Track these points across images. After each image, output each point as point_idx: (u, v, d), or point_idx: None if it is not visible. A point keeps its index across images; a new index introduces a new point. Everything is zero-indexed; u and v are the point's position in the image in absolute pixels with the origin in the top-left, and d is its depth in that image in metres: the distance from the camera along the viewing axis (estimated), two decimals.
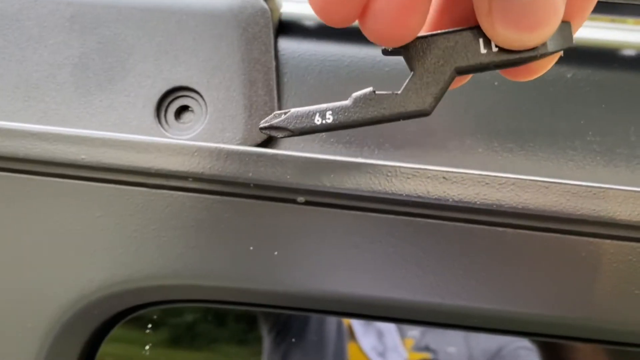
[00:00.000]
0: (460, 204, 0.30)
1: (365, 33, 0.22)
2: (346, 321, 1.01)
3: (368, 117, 0.24)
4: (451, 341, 1.04)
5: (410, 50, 0.23)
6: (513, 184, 0.30)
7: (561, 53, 0.23)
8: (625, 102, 0.33)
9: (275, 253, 0.32)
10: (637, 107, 0.33)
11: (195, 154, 0.31)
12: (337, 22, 0.22)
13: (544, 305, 0.32)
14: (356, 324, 1.00)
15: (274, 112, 0.26)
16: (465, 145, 0.32)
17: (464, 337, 1.06)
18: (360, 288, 0.32)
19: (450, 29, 0.23)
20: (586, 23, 0.39)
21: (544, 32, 0.20)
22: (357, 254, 0.32)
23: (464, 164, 0.32)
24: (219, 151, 0.30)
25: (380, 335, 1.01)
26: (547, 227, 0.31)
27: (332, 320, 1.01)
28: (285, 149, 0.33)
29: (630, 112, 0.32)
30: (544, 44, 0.21)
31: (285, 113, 0.25)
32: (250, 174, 0.30)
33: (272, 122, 0.26)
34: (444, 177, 0.30)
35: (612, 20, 0.40)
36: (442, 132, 0.33)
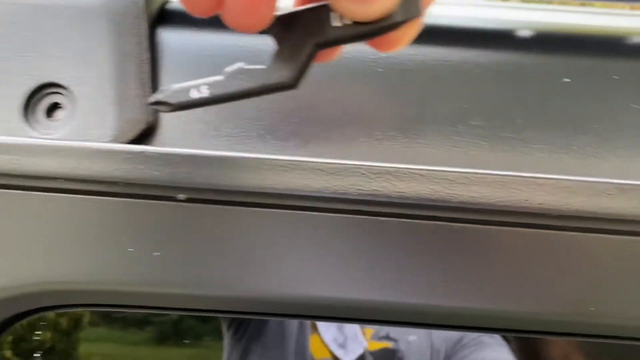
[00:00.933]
0: (338, 196, 0.29)
1: (226, 22, 0.23)
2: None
3: (239, 90, 0.25)
4: (411, 330, 1.03)
5: (273, 29, 0.24)
6: (388, 172, 0.29)
7: (420, 24, 0.24)
8: (511, 84, 0.32)
9: (156, 254, 0.31)
10: (524, 89, 0.32)
11: (62, 153, 0.29)
12: (199, 13, 0.23)
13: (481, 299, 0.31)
14: None
15: (161, 87, 0.27)
16: (347, 136, 0.31)
17: None
18: (258, 285, 0.31)
19: (307, 6, 0.24)
20: (479, 2, 0.38)
21: (384, 3, 0.21)
22: (247, 250, 0.31)
23: (346, 154, 0.31)
24: (87, 149, 0.29)
25: (340, 325, 1.00)
26: (420, 215, 0.30)
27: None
28: (163, 144, 0.32)
29: (517, 95, 0.31)
30: (391, 15, 0.22)
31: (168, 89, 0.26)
32: (119, 172, 0.29)
33: (156, 97, 0.26)
34: (320, 170, 0.29)
35: None
36: (325, 122, 0.32)
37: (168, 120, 0.32)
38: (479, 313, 0.30)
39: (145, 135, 0.32)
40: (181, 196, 0.31)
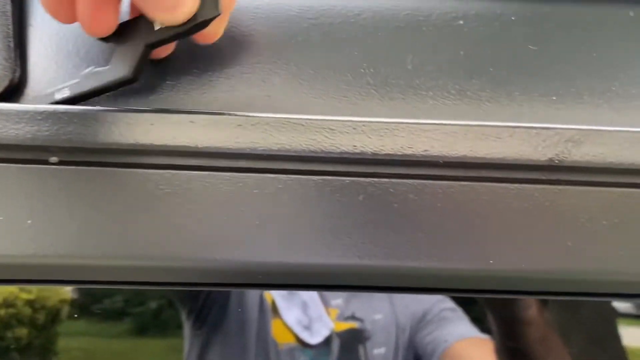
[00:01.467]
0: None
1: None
2: (269, 298, 0.98)
3: (92, 88, 0.29)
4: (377, 309, 1.02)
5: (112, 35, 0.29)
6: (267, 123, 0.27)
7: (226, 20, 0.29)
8: (401, 28, 0.30)
9: (29, 222, 0.29)
10: (415, 33, 0.30)
11: None
12: (61, 21, 0.29)
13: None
14: (279, 299, 0.97)
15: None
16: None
17: (389, 303, 1.04)
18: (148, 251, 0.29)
19: (138, 16, 0.29)
20: None
21: (184, 11, 0.26)
22: (129, 214, 0.29)
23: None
24: None
25: (304, 307, 0.98)
26: (302, 170, 0.28)
27: (254, 300, 0.98)
28: (32, 102, 0.30)
29: (407, 40, 0.30)
30: (195, 17, 0.26)
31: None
32: None
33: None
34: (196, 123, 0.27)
35: None
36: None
37: (37, 77, 0.30)
38: (368, 271, 0.29)
39: (11, 93, 0.29)
40: (53, 159, 0.29)
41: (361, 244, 0.28)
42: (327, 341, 1.02)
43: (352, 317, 1.06)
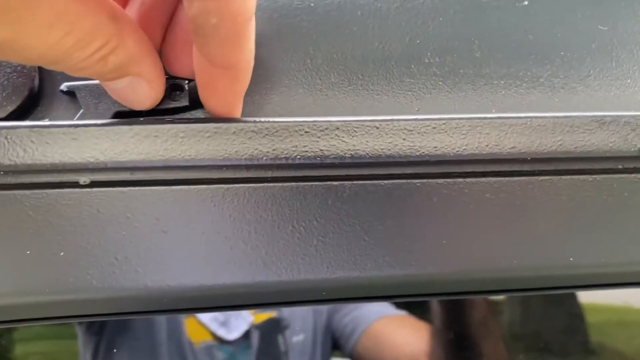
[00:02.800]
0: (279, 162, 0.24)
1: None
2: None
3: None
4: None
5: (83, 96, 0.26)
6: (337, 128, 0.24)
7: None
8: (464, 12, 0.27)
9: (62, 254, 0.25)
10: (479, 18, 0.27)
11: None
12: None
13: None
14: None
15: None
16: (284, 85, 0.26)
17: None
18: (181, 279, 0.26)
19: None
20: None
21: (146, 99, 0.24)
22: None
23: (284, 111, 0.26)
24: None
25: None
26: (388, 174, 0.25)
27: None
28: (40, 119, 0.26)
29: (473, 23, 0.27)
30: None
31: None
32: None
33: None
34: (254, 132, 0.24)
35: None
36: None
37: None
38: (462, 277, 0.27)
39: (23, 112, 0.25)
40: (84, 180, 0.25)
41: (447, 253, 0.26)
42: (246, 335, 1.00)
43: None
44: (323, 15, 0.26)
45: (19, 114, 0.25)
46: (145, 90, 0.23)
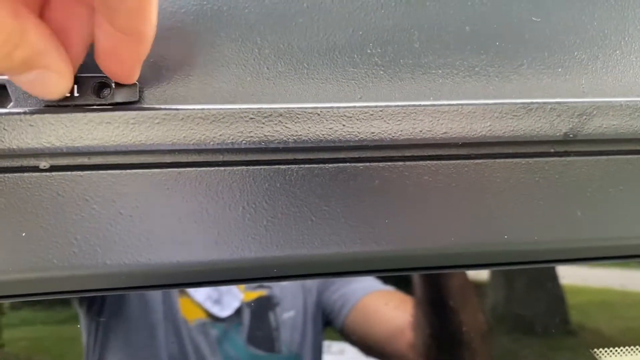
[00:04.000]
0: (225, 146, 0.26)
1: None
2: None
3: None
4: None
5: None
6: (280, 115, 0.26)
7: None
8: (406, 3, 0.29)
9: (23, 234, 0.27)
10: (419, 10, 0.29)
11: None
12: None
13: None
14: None
15: None
16: (232, 73, 0.28)
17: None
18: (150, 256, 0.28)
19: None
20: None
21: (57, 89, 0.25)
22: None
23: (231, 98, 0.28)
24: None
25: None
26: (332, 158, 0.27)
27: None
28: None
29: (413, 15, 0.29)
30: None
31: None
32: None
33: None
34: (201, 117, 0.25)
35: None
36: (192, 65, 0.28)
37: None
38: (393, 255, 0.29)
39: None
40: (44, 164, 0.27)
41: (384, 231, 0.28)
42: (238, 312, 1.02)
43: (261, 286, 1.07)
44: (270, 7, 0.28)
45: None
46: (53, 82, 0.24)
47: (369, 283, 1.08)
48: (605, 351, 0.42)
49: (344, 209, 0.28)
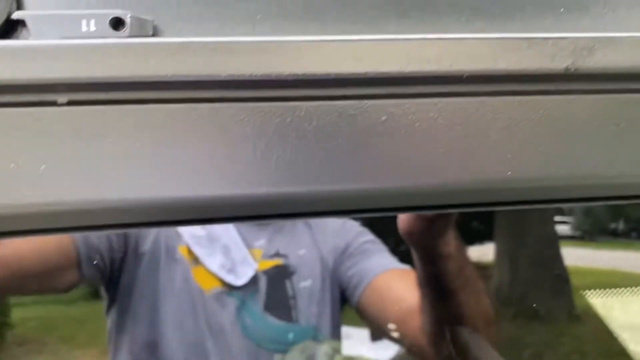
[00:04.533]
0: None
1: None
2: (183, 251, 0.96)
3: None
4: (300, 244, 1.04)
5: None
6: (290, 48, 0.27)
7: None
8: None
9: (43, 167, 0.28)
10: None
11: None
12: None
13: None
14: (196, 247, 0.96)
15: None
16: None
17: (312, 238, 1.06)
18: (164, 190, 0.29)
19: None
20: None
21: None
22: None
23: None
24: None
25: (226, 251, 0.98)
26: (335, 95, 0.28)
27: (165, 256, 0.95)
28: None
29: None
30: None
31: None
32: None
33: None
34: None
35: None
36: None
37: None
38: (410, 191, 0.30)
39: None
40: (62, 100, 0.28)
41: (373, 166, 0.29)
42: (254, 281, 1.03)
43: (277, 255, 1.07)
44: None
45: None
46: None
47: (385, 261, 1.08)
48: None
49: (351, 146, 0.29)
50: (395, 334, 0.94)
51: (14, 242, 0.76)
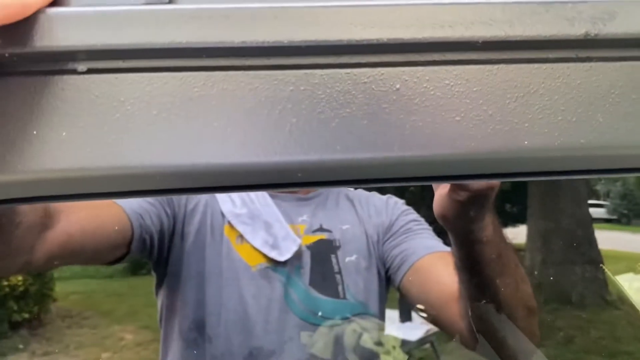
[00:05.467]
0: None
1: None
2: (227, 229, 0.97)
3: None
4: (343, 220, 1.04)
5: None
6: (302, 15, 0.27)
7: None
8: None
9: (64, 134, 0.29)
10: None
11: None
12: None
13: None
14: (240, 226, 0.97)
15: None
16: None
17: (355, 215, 1.06)
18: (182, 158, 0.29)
19: None
20: None
21: None
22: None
23: None
24: None
25: (268, 228, 0.98)
26: (348, 63, 0.28)
27: (211, 235, 0.96)
28: None
29: None
30: None
31: None
32: None
33: None
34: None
35: None
36: None
37: None
38: (414, 161, 0.29)
39: None
40: (82, 67, 0.28)
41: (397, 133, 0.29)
42: (298, 256, 1.03)
43: (320, 229, 1.07)
44: None
45: None
46: None
47: (430, 242, 1.07)
48: None
49: (365, 114, 0.29)
50: (436, 318, 0.94)
51: (78, 214, 0.78)
